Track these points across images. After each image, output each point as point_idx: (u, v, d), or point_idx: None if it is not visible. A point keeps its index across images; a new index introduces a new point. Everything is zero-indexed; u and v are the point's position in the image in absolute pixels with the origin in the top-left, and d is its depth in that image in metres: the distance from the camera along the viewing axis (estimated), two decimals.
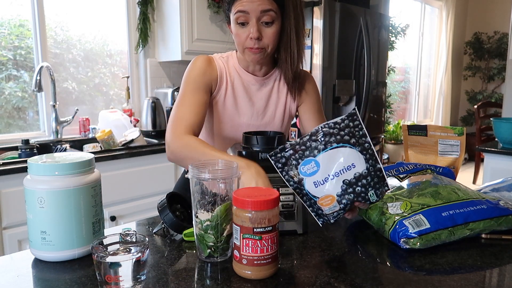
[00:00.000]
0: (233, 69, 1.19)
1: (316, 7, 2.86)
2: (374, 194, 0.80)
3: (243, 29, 1.07)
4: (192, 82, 1.12)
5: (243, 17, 1.05)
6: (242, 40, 1.09)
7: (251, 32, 1.05)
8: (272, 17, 1.06)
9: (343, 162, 0.79)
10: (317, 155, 0.80)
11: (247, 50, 1.10)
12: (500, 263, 0.80)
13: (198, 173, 0.77)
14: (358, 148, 0.79)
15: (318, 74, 2.90)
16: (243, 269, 0.72)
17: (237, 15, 1.06)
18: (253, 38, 1.06)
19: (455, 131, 1.22)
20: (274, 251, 0.72)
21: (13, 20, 2.39)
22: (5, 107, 2.40)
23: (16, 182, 1.79)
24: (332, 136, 0.80)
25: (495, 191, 1.10)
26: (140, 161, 2.24)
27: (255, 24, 1.05)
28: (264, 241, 0.70)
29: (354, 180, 0.79)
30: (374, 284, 0.70)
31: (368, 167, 0.79)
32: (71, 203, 0.77)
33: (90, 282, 0.71)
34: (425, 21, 5.65)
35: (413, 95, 5.77)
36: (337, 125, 0.80)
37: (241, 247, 0.71)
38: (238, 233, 0.72)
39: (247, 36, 1.07)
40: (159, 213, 0.90)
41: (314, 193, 0.81)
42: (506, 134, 2.41)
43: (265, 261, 0.71)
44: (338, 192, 0.80)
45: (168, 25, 2.78)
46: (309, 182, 0.81)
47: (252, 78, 1.19)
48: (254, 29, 1.05)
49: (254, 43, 1.07)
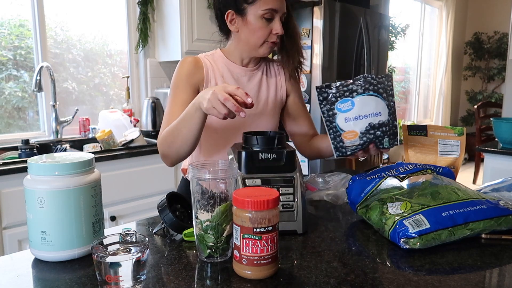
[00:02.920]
0: (221, 64, 1.24)
1: (316, 7, 2.86)
2: (387, 142, 1.00)
3: (268, 24, 1.15)
4: (179, 84, 1.18)
5: (270, 13, 1.13)
6: (265, 34, 1.16)
7: (278, 28, 1.14)
8: (285, 17, 1.18)
9: (373, 108, 0.98)
10: (355, 96, 0.98)
11: (266, 44, 1.18)
12: (500, 263, 0.80)
13: (198, 173, 0.77)
14: (386, 102, 0.98)
15: (318, 74, 2.90)
16: (243, 269, 0.72)
17: (265, 12, 1.13)
18: (279, 33, 1.15)
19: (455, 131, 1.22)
20: (274, 251, 0.72)
21: (13, 20, 2.39)
22: (5, 107, 2.40)
23: (16, 182, 1.79)
24: (371, 85, 0.98)
25: (495, 191, 1.09)
26: (140, 161, 2.23)
27: (279, 21, 1.15)
28: (264, 241, 0.70)
29: (377, 125, 0.98)
30: (374, 284, 0.70)
31: (389, 119, 0.99)
32: (71, 203, 0.77)
33: (90, 282, 0.71)
34: (425, 21, 5.64)
35: (413, 95, 5.77)
36: (377, 78, 0.99)
37: (241, 247, 0.71)
38: (238, 233, 0.72)
39: (270, 31, 1.15)
40: (159, 213, 0.90)
41: (342, 127, 1.00)
42: (506, 134, 2.41)
43: (265, 261, 0.71)
44: (362, 130, 0.99)
45: (168, 25, 2.78)
46: (340, 117, 1.00)
47: (241, 69, 1.25)
48: (280, 26, 1.15)
49: (277, 37, 1.17)
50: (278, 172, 0.93)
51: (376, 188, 1.00)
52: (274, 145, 0.95)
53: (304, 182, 0.99)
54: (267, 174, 0.92)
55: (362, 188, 1.02)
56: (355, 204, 1.03)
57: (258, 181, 0.92)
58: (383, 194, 0.97)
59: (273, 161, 0.93)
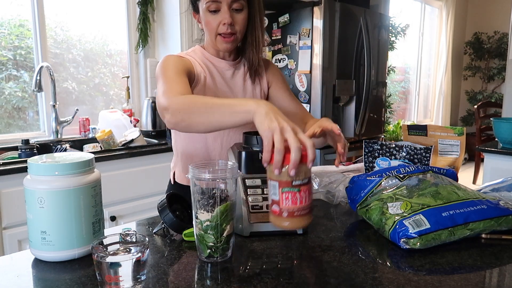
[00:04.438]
0: (203, 59, 1.23)
1: (316, 7, 2.86)
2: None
3: (214, 16, 1.12)
4: (172, 69, 1.07)
5: (214, 5, 1.10)
6: (214, 27, 1.13)
7: (225, 18, 1.10)
8: (241, 4, 1.12)
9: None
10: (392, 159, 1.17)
11: (219, 37, 1.14)
12: (500, 263, 0.80)
13: (198, 173, 0.77)
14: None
15: (318, 74, 2.89)
16: (283, 221, 0.75)
17: (208, 4, 1.10)
18: (227, 24, 1.11)
19: (455, 131, 1.22)
20: (311, 202, 0.75)
21: (13, 20, 2.39)
22: (5, 107, 2.40)
23: (16, 182, 1.79)
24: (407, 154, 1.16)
25: (495, 191, 1.09)
26: (140, 161, 2.23)
27: (227, 11, 1.11)
28: (302, 193, 0.73)
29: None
30: (374, 284, 0.70)
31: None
32: (71, 203, 0.77)
33: (90, 282, 0.71)
34: (425, 21, 5.64)
35: (413, 95, 5.77)
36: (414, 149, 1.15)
37: (281, 200, 0.73)
38: (276, 188, 0.73)
39: (219, 23, 1.12)
40: (159, 213, 0.90)
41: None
42: (506, 134, 2.41)
43: (304, 212, 0.74)
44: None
45: (168, 25, 2.78)
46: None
47: (225, 63, 1.24)
48: (227, 15, 1.10)
49: (227, 28, 1.12)
50: None
51: (376, 188, 1.00)
52: None
53: None
54: None
55: (362, 188, 1.02)
56: (355, 204, 1.03)
57: (258, 181, 0.92)
58: (383, 194, 0.97)
59: None
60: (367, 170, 1.19)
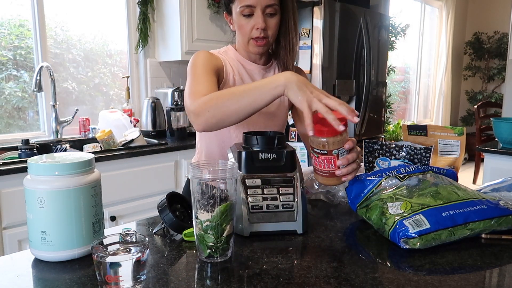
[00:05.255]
0: (235, 60, 1.22)
1: (316, 7, 2.86)
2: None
3: (248, 20, 1.12)
4: (201, 66, 1.10)
5: (248, 9, 1.11)
6: (247, 31, 1.13)
7: (258, 22, 1.11)
8: (275, 9, 1.12)
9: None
10: (392, 159, 1.16)
11: (252, 41, 1.15)
12: (500, 263, 0.80)
13: (198, 173, 0.77)
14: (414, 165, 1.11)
15: (318, 74, 2.90)
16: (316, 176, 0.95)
17: (243, 9, 1.11)
18: (260, 28, 1.11)
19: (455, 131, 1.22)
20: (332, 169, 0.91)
21: (13, 20, 2.39)
22: (5, 107, 2.40)
23: (16, 182, 1.79)
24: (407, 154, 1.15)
25: (495, 191, 1.09)
26: (140, 161, 2.23)
27: (260, 15, 1.11)
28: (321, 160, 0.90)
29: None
30: (374, 284, 0.70)
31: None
32: (71, 203, 0.77)
33: (90, 282, 0.71)
34: (425, 21, 5.64)
35: (413, 95, 5.77)
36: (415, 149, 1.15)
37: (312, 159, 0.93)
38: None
39: (252, 27, 1.12)
40: (159, 213, 0.90)
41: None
42: (506, 134, 2.41)
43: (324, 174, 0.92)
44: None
45: (168, 25, 2.78)
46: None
47: (255, 66, 1.24)
48: (260, 19, 1.11)
49: (260, 32, 1.12)
50: (278, 172, 0.93)
51: (376, 188, 1.00)
52: (274, 145, 0.95)
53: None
54: (267, 174, 0.92)
55: (362, 188, 1.02)
56: (355, 204, 1.03)
57: (258, 181, 0.92)
58: (383, 194, 0.97)
59: (273, 161, 0.93)
60: (367, 170, 1.19)
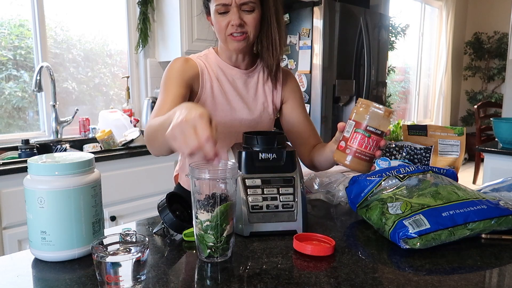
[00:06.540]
0: (215, 65, 1.19)
1: (316, 7, 2.86)
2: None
3: (224, 17, 1.09)
4: (171, 77, 1.11)
5: (223, 7, 1.08)
6: (223, 27, 1.10)
7: (233, 19, 1.07)
8: (252, 6, 1.09)
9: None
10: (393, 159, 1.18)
11: (229, 37, 1.11)
12: (500, 263, 0.80)
13: (198, 173, 0.77)
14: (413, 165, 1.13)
15: (318, 74, 2.90)
16: (345, 157, 0.85)
17: (218, 7, 1.08)
18: (235, 25, 1.07)
19: (455, 131, 1.22)
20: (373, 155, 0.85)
21: (13, 20, 2.39)
22: (5, 107, 2.40)
23: (16, 182, 1.79)
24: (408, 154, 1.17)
25: (495, 191, 1.09)
26: (140, 161, 2.23)
27: (236, 12, 1.07)
28: (371, 140, 0.83)
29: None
30: (374, 284, 0.70)
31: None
32: (71, 203, 0.77)
33: (90, 282, 0.71)
34: (425, 21, 5.64)
35: (413, 95, 5.77)
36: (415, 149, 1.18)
37: (350, 138, 0.84)
38: (351, 126, 0.84)
39: (228, 23, 1.09)
40: (159, 213, 0.90)
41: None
42: (506, 134, 2.41)
43: (364, 157, 0.84)
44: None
45: (168, 25, 2.78)
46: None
47: (236, 71, 1.20)
48: (235, 16, 1.07)
49: (236, 29, 1.08)
50: (278, 172, 0.93)
51: (376, 188, 1.00)
52: (274, 145, 0.95)
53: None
54: (267, 174, 0.92)
55: (362, 188, 1.02)
56: (355, 204, 1.03)
57: (258, 181, 0.92)
58: (383, 194, 0.97)
59: (273, 161, 0.93)
60: None
